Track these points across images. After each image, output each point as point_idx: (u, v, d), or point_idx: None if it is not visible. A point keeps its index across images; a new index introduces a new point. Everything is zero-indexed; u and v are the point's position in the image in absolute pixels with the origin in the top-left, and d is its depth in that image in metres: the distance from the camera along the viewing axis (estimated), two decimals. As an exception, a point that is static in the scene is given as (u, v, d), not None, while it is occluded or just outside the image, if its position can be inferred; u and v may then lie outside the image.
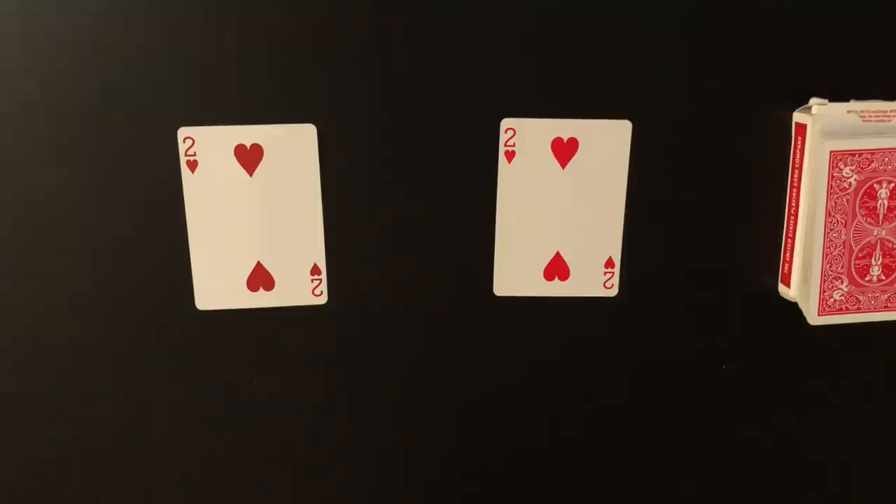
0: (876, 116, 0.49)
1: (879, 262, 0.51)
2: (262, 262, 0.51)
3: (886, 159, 0.49)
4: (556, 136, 0.50)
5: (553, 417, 0.55)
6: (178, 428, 0.53)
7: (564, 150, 0.50)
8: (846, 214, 0.50)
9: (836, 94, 0.49)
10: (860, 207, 0.50)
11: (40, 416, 0.52)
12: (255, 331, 0.52)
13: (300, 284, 0.51)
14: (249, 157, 0.49)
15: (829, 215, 0.50)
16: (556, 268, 0.52)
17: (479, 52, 0.49)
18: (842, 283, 0.51)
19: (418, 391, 0.54)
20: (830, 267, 0.50)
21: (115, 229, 0.49)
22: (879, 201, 0.50)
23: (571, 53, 0.49)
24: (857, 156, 0.49)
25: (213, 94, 0.48)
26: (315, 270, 0.51)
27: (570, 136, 0.50)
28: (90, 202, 0.49)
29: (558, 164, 0.50)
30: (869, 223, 0.50)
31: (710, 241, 0.52)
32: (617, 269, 0.52)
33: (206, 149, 0.49)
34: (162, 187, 0.49)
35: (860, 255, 0.50)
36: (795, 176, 0.51)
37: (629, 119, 0.50)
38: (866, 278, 0.51)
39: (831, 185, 0.49)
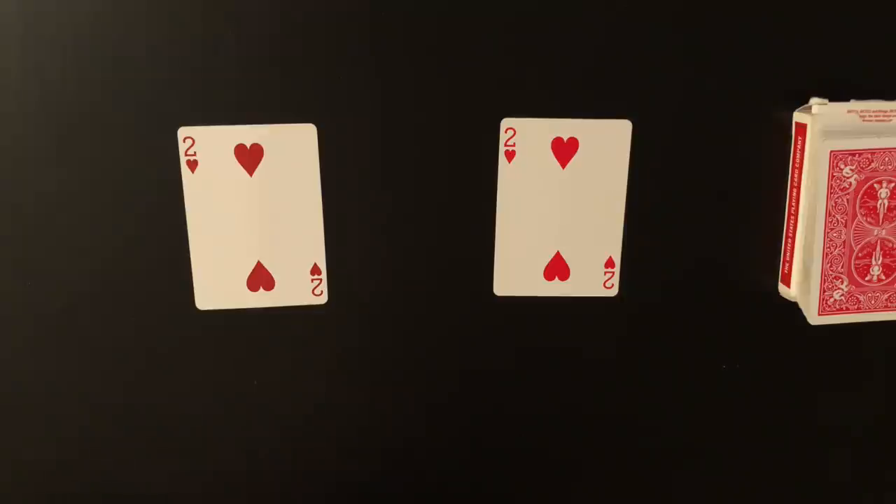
0: (876, 116, 0.49)
1: (879, 262, 0.51)
2: (262, 261, 0.51)
3: (886, 159, 0.49)
4: (556, 135, 0.50)
5: (553, 417, 0.55)
6: (178, 428, 0.53)
7: (564, 150, 0.50)
8: (846, 214, 0.50)
9: (836, 94, 0.49)
10: (860, 207, 0.50)
11: (40, 416, 0.52)
12: (255, 331, 0.52)
13: (300, 284, 0.51)
14: (249, 157, 0.49)
15: (829, 215, 0.50)
16: (556, 268, 0.52)
17: (479, 52, 0.49)
18: (842, 282, 0.51)
19: (418, 391, 0.54)
20: (830, 267, 0.50)
21: (116, 229, 0.49)
22: (879, 201, 0.50)
23: (571, 53, 0.49)
24: (857, 156, 0.49)
25: (213, 94, 0.48)
26: (315, 270, 0.51)
27: (570, 135, 0.50)
28: (90, 202, 0.49)
29: (558, 164, 0.50)
30: (869, 223, 0.50)
31: (710, 241, 0.52)
32: (617, 269, 0.52)
33: (206, 149, 0.49)
34: (162, 187, 0.49)
35: (860, 254, 0.50)
36: (795, 176, 0.51)
37: (629, 119, 0.50)
38: (866, 278, 0.51)
39: (831, 185, 0.49)
